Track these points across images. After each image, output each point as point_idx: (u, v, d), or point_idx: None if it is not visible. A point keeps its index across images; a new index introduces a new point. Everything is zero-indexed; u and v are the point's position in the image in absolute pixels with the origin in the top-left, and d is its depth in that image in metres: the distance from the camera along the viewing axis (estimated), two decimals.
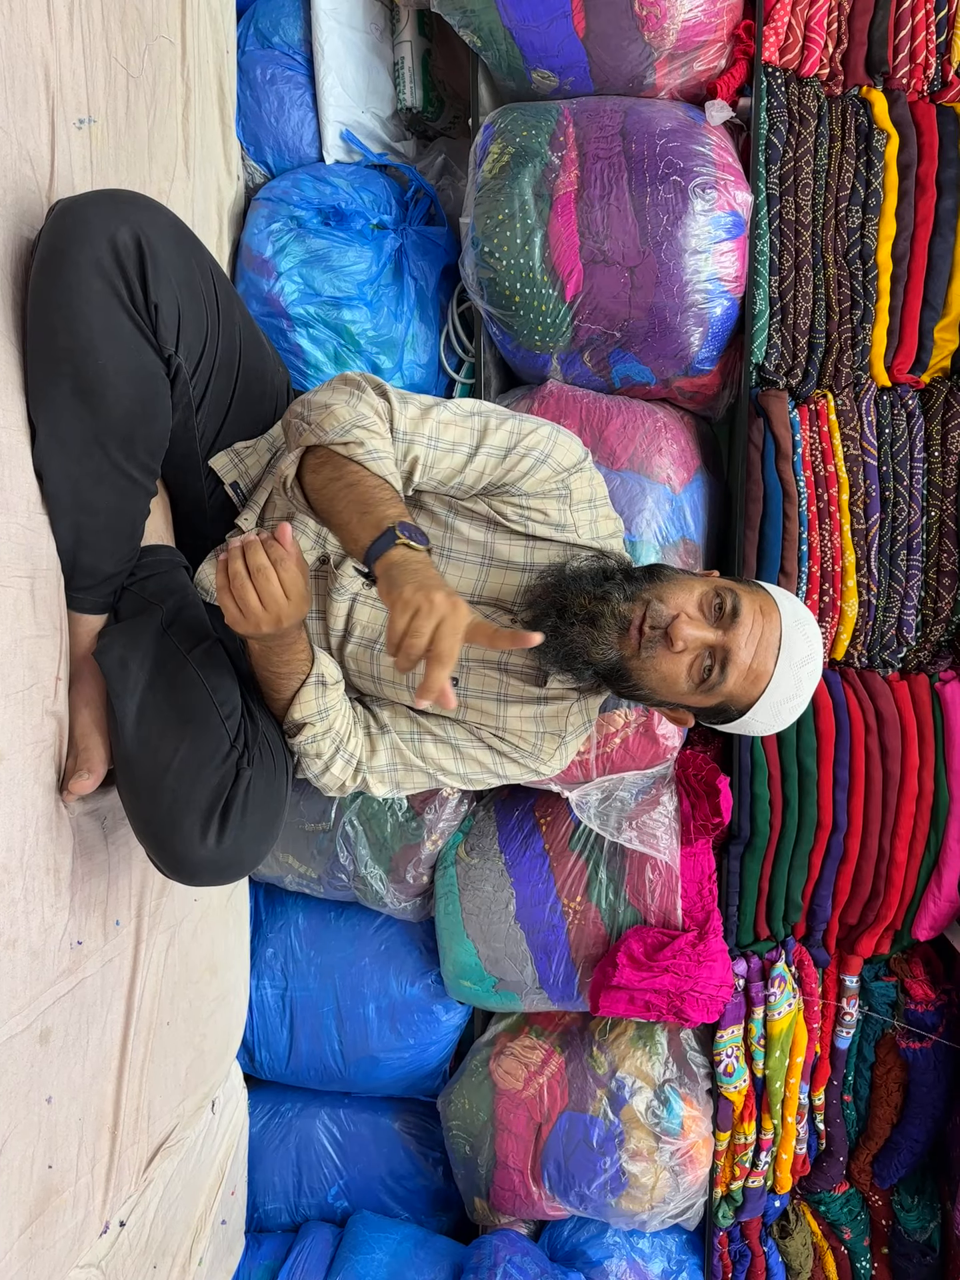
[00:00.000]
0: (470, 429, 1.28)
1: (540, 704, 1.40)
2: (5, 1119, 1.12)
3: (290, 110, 1.92)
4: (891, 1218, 1.98)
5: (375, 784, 1.39)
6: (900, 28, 1.68)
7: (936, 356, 1.71)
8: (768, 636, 1.25)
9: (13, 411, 1.12)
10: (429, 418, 1.25)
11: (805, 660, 1.28)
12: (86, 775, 1.22)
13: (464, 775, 1.42)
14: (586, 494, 1.38)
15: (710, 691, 1.26)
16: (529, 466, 1.30)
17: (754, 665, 1.25)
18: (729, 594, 1.25)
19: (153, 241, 1.10)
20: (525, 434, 1.30)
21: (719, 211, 1.63)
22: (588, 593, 1.25)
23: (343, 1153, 2.03)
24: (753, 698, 1.27)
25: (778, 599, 1.30)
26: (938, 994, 1.85)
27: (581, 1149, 1.82)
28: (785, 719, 1.32)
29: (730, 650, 1.23)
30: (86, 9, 1.29)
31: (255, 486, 1.40)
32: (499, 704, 1.40)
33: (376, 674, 1.41)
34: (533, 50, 1.73)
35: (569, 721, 1.42)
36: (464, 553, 1.36)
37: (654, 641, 1.23)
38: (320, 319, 1.83)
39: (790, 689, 1.28)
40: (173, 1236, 1.59)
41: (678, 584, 1.27)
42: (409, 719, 1.41)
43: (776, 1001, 1.81)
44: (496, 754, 1.42)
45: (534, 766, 1.43)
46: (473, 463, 1.28)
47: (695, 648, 1.23)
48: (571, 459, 1.34)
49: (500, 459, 1.29)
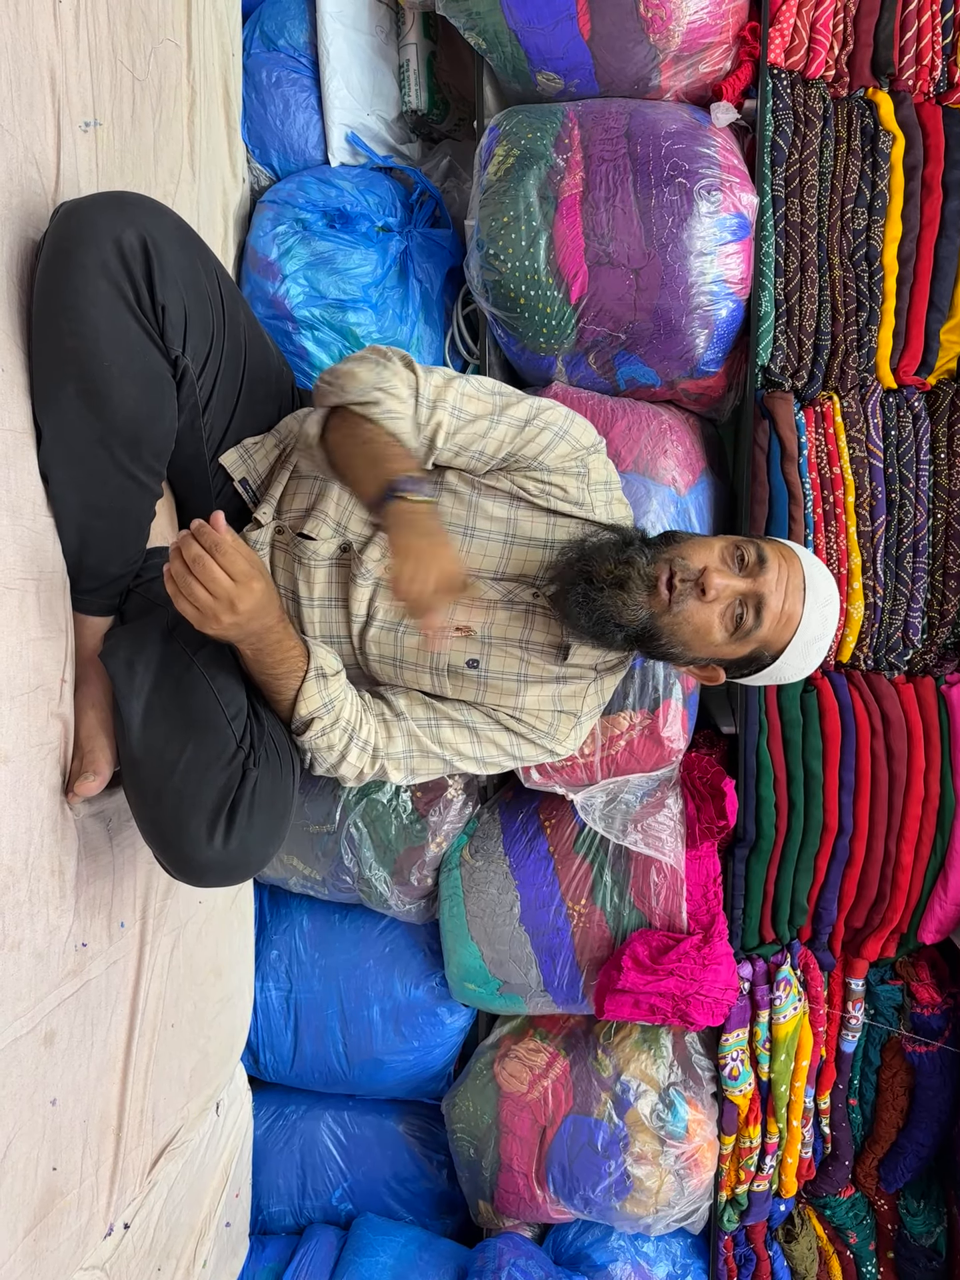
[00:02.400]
0: (491, 403, 1.35)
1: (559, 684, 1.43)
2: (10, 1121, 1.12)
3: (295, 113, 1.92)
4: (897, 1222, 1.98)
5: (392, 770, 1.40)
6: (906, 29, 1.68)
7: (942, 359, 1.71)
8: (794, 580, 1.31)
9: (18, 414, 1.13)
10: (452, 387, 1.31)
11: (829, 600, 1.35)
12: (92, 777, 1.22)
13: (481, 759, 1.44)
14: (603, 475, 1.44)
15: (745, 639, 1.30)
16: (548, 440, 1.36)
17: (785, 608, 1.30)
18: (750, 545, 1.30)
19: (158, 243, 1.11)
20: (544, 409, 1.37)
21: (724, 213, 1.63)
22: (612, 559, 1.29)
23: (347, 1155, 2.03)
24: (785, 641, 1.32)
25: (793, 546, 1.37)
26: (944, 997, 1.85)
27: (586, 1152, 1.82)
28: (814, 660, 1.37)
29: (763, 595, 1.28)
30: (92, 12, 1.29)
31: (267, 482, 1.41)
32: (519, 683, 1.42)
33: (399, 656, 1.42)
34: (538, 52, 1.73)
35: (585, 702, 1.45)
36: (487, 530, 1.39)
37: (685, 595, 1.27)
38: (325, 321, 1.83)
39: (818, 628, 1.34)
40: (177, 1239, 1.58)
41: (697, 542, 1.32)
42: (425, 705, 1.42)
43: (782, 1005, 1.81)
44: (514, 735, 1.43)
45: (550, 747, 1.45)
46: (494, 431, 1.34)
47: (728, 596, 1.28)
48: (589, 438, 1.41)
49: (519, 429, 1.35)
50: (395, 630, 1.40)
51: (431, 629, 1.12)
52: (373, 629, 1.40)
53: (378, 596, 1.39)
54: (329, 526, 1.38)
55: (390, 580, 1.12)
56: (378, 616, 1.39)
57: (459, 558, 1.13)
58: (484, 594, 1.40)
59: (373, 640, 1.41)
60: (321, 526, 1.37)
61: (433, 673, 1.42)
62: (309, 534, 1.37)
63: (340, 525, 1.38)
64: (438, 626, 1.12)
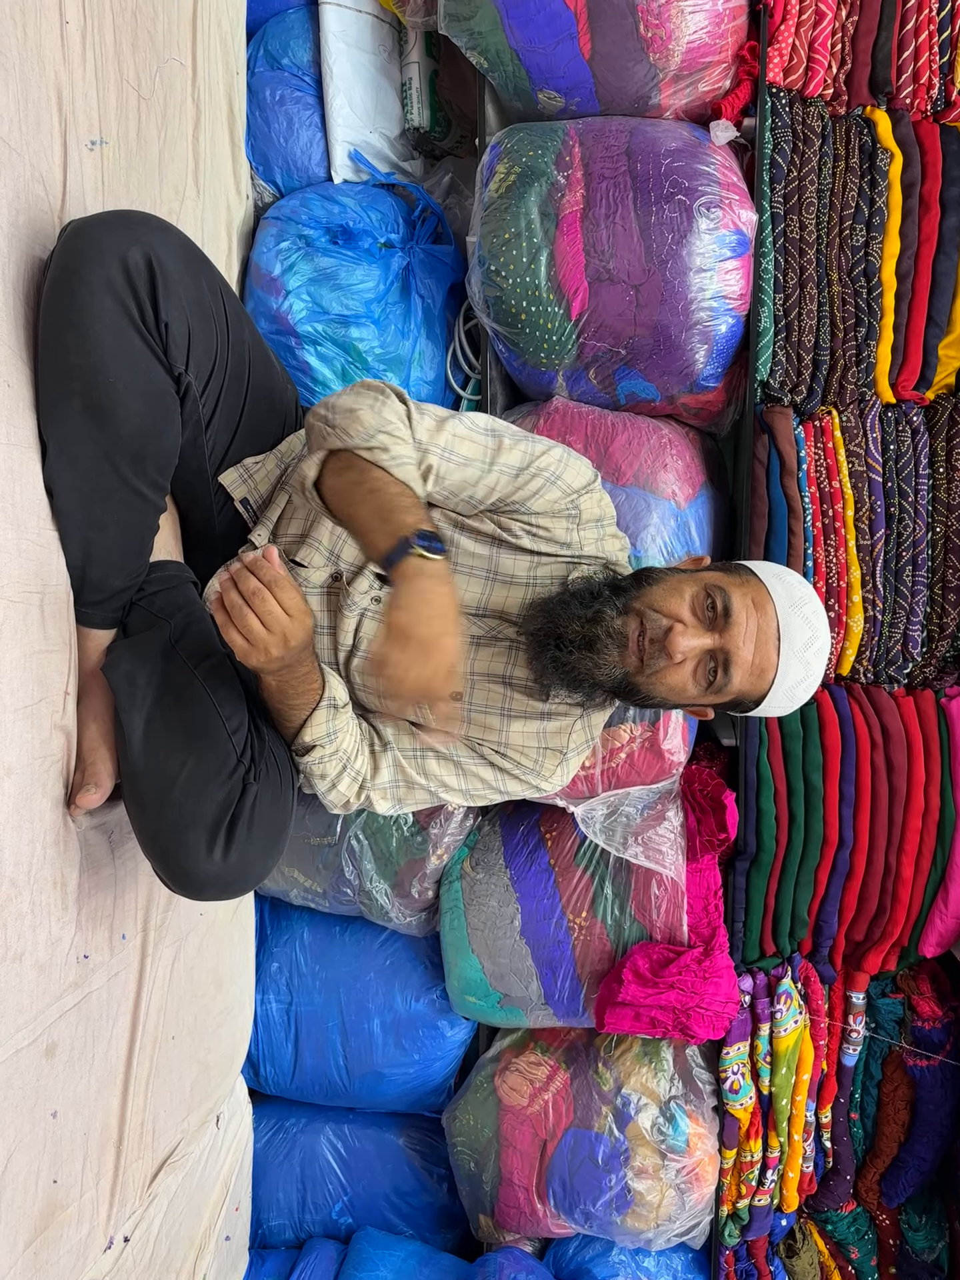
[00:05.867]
0: (484, 446, 1.29)
1: (543, 719, 1.41)
2: (11, 1133, 1.12)
3: (299, 130, 1.94)
4: (899, 1237, 1.97)
5: (378, 800, 1.40)
6: (903, 49, 1.69)
7: (941, 373, 1.72)
8: (765, 629, 1.26)
9: (23, 428, 1.14)
10: (444, 430, 1.26)
11: (808, 644, 1.28)
12: (94, 789, 1.22)
13: (466, 791, 1.43)
14: (595, 513, 1.40)
15: (720, 692, 1.28)
16: (539, 486, 1.32)
17: (756, 661, 1.26)
18: (719, 592, 1.25)
19: (163, 261, 1.12)
20: (538, 455, 1.31)
21: (724, 230, 1.64)
22: (579, 616, 1.26)
23: (347, 1169, 2.02)
24: (762, 691, 1.29)
25: (770, 586, 1.29)
26: (945, 1011, 1.84)
27: (587, 1166, 1.82)
28: (801, 697, 1.33)
29: (730, 651, 1.24)
30: (99, 32, 1.31)
31: (266, 503, 1.41)
32: (502, 719, 1.40)
33: None
34: (539, 71, 1.74)
35: (571, 739, 1.43)
36: (469, 567, 1.37)
37: (656, 655, 1.25)
38: (328, 337, 1.85)
39: (799, 673, 1.29)
40: (177, 1252, 1.58)
41: (668, 588, 1.27)
42: (411, 735, 1.41)
43: (783, 1018, 1.80)
44: (498, 770, 1.42)
45: (535, 783, 1.43)
46: (485, 478, 1.30)
47: (695, 656, 1.25)
48: (581, 481, 1.35)
49: (513, 477, 1.31)
50: None
51: (399, 716, 1.08)
52: (357, 659, 1.40)
53: (362, 627, 1.38)
54: (321, 555, 1.37)
55: (374, 657, 1.06)
56: (361, 647, 1.39)
57: (458, 649, 1.06)
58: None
59: (357, 670, 1.41)
60: (314, 555, 1.37)
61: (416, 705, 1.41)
62: (301, 561, 1.37)
63: (333, 554, 1.38)
64: (404, 718, 1.08)
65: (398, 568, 1.07)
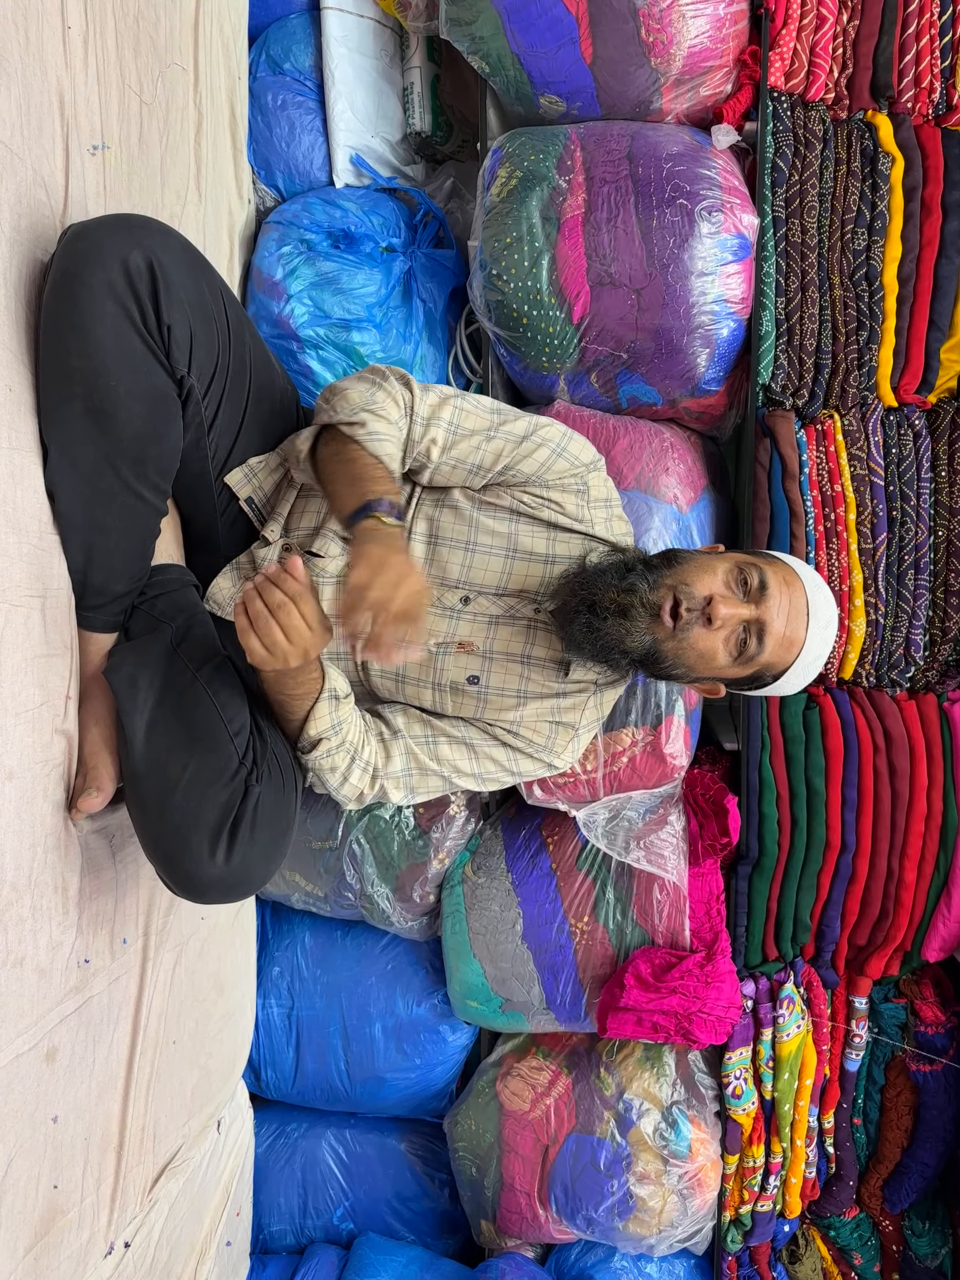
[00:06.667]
0: (489, 419, 1.37)
1: (558, 698, 1.44)
2: (11, 1138, 1.11)
3: (301, 135, 1.94)
4: (902, 1243, 1.96)
5: (392, 790, 1.41)
6: (905, 53, 1.70)
7: (943, 377, 1.72)
8: (796, 603, 1.33)
9: (25, 432, 1.14)
10: (449, 404, 1.34)
11: (829, 621, 1.38)
12: (95, 793, 1.22)
13: (479, 775, 1.44)
14: (603, 493, 1.46)
15: (748, 662, 1.33)
16: (545, 456, 1.38)
17: (787, 633, 1.32)
18: (753, 569, 1.32)
19: (164, 265, 1.12)
20: (541, 426, 1.39)
21: (725, 234, 1.65)
22: (614, 586, 1.30)
23: (348, 1174, 2.02)
24: (788, 663, 1.35)
25: (795, 566, 1.38)
26: (948, 1016, 1.84)
27: (589, 1171, 1.81)
28: (812, 674, 1.41)
29: (765, 622, 1.30)
30: (101, 37, 1.31)
31: (273, 501, 1.42)
32: (518, 699, 1.43)
33: (401, 672, 1.43)
34: (540, 76, 1.75)
35: (584, 714, 1.47)
36: (489, 545, 1.40)
37: (690, 623, 1.28)
38: (330, 341, 1.85)
39: (819, 649, 1.37)
40: (177, 1258, 1.58)
41: (699, 565, 1.33)
42: (422, 722, 1.43)
43: (785, 1023, 1.80)
44: (511, 750, 1.44)
45: (548, 760, 1.46)
46: (490, 444, 1.36)
47: (733, 624, 1.29)
48: (587, 456, 1.42)
49: (517, 444, 1.37)
50: None
51: (376, 655, 1.08)
52: None
53: None
54: (337, 544, 1.39)
55: (346, 582, 1.11)
56: None
57: (422, 578, 1.12)
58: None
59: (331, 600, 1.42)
60: (330, 544, 1.39)
61: (434, 688, 1.43)
62: (317, 552, 1.39)
63: (348, 542, 1.39)
64: (384, 652, 1.08)
65: (356, 528, 1.17)
